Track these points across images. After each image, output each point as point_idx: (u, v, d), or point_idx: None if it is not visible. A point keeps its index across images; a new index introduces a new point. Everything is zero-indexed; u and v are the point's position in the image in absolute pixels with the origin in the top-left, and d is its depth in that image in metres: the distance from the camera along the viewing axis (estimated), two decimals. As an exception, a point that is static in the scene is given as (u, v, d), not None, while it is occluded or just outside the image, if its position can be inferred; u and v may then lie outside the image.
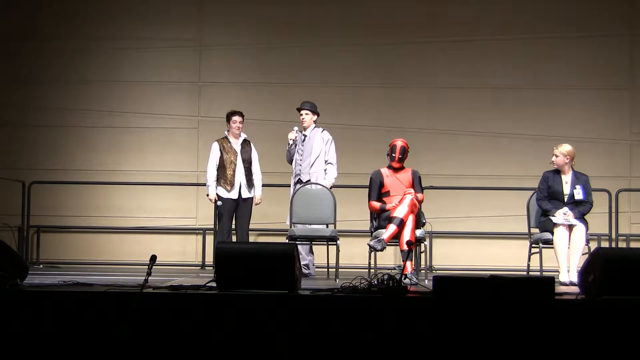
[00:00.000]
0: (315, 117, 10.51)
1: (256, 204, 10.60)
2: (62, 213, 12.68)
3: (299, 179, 10.34)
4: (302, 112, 10.50)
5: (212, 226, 11.95)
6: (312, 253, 10.47)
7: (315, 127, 10.50)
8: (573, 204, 9.30)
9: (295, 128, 10.51)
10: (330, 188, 10.19)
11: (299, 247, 10.34)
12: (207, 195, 10.54)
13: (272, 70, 13.01)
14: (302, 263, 10.34)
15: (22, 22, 13.12)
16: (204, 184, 12.24)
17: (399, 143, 9.54)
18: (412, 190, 9.30)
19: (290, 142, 10.47)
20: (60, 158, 12.87)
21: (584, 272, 7.01)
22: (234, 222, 10.50)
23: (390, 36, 12.93)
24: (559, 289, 7.82)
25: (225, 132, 10.56)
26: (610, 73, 12.85)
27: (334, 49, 12.97)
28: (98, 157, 12.93)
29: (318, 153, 10.38)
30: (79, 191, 12.85)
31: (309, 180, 10.27)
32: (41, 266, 11.90)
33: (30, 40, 13.03)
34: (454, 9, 12.92)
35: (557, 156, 9.44)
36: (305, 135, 10.46)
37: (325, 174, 10.41)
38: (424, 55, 12.94)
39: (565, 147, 9.45)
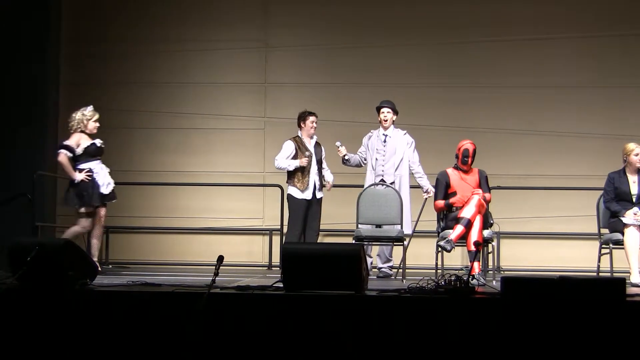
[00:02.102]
0: (395, 116, 10.44)
1: (328, 189, 10.57)
2: (130, 214, 12.80)
3: (382, 179, 10.28)
4: (384, 110, 10.41)
5: (279, 227, 11.99)
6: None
7: (395, 127, 10.45)
8: (642, 203, 9.20)
9: (338, 143, 10.45)
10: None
11: (384, 248, 10.33)
12: (300, 163, 10.34)
13: (337, 71, 13.02)
14: (387, 265, 10.34)
15: (90, 26, 13.28)
16: (271, 185, 12.32)
17: (470, 147, 9.45)
18: (479, 191, 9.24)
19: (347, 157, 10.45)
20: (128, 159, 12.99)
21: (655, 273, 6.92)
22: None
23: (455, 36, 12.86)
24: (630, 290, 7.71)
25: (299, 133, 10.56)
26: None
27: (399, 49, 12.94)
28: (165, 158, 13.05)
29: (402, 155, 10.31)
30: (147, 192, 12.97)
31: (393, 182, 10.23)
32: (110, 266, 12.01)
33: (98, 43, 13.18)
34: (519, 7, 12.83)
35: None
36: (385, 135, 10.40)
37: (419, 177, 10.35)
38: (489, 55, 12.86)
39: (641, 145, 9.38)
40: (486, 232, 9.12)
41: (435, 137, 12.22)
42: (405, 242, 9.67)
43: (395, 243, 9.88)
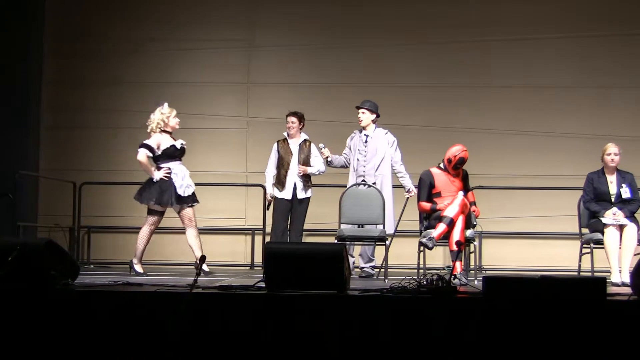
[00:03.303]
0: (374, 116, 10.40)
1: (300, 170, 10.52)
2: (112, 213, 12.78)
3: (363, 180, 10.28)
4: (359, 110, 10.43)
5: (262, 226, 11.98)
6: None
7: (376, 127, 10.44)
8: (621, 203, 9.23)
9: (321, 145, 10.48)
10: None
11: (366, 248, 10.33)
12: (268, 201, 10.64)
13: (321, 71, 13.02)
14: (369, 265, 10.34)
15: (74, 24, 13.25)
16: (253, 185, 12.34)
17: (466, 155, 9.43)
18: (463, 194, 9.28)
19: (330, 158, 10.50)
20: (111, 159, 12.97)
21: (636, 273, 6.93)
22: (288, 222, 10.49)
23: (441, 36, 12.89)
24: (611, 289, 7.73)
25: (284, 133, 10.57)
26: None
27: (384, 49, 12.96)
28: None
29: (383, 155, 10.30)
30: (129, 192, 12.83)
31: (375, 182, 10.22)
32: (92, 266, 12.00)
33: (81, 41, 13.16)
34: (504, 8, 12.87)
35: (616, 155, 9.38)
36: (367, 136, 10.40)
37: (401, 176, 10.38)
38: (475, 55, 12.88)
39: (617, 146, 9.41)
40: (468, 232, 9.15)
41: (420, 137, 12.24)
42: (387, 242, 9.68)
43: (377, 243, 9.90)
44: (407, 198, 10.31)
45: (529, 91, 12.78)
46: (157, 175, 9.70)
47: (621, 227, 9.01)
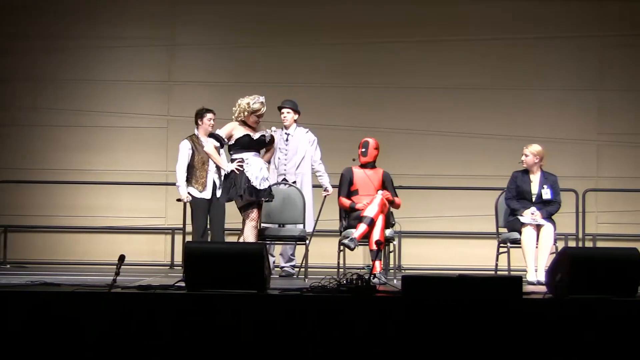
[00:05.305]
0: (297, 115, 10.43)
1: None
2: (29, 212, 12.60)
3: (284, 179, 10.27)
4: (283, 110, 10.42)
5: (181, 226, 11.91)
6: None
7: (297, 126, 10.46)
8: (541, 203, 9.36)
9: (273, 128, 10.40)
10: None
11: (286, 247, 10.33)
12: (180, 196, 10.28)
13: (243, 70, 12.98)
14: (289, 264, 10.34)
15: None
16: (173, 184, 12.22)
17: (370, 140, 9.58)
18: (381, 192, 9.31)
19: None
20: (28, 157, 12.79)
21: (551, 272, 7.06)
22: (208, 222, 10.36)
23: (363, 36, 12.94)
24: (527, 288, 7.86)
25: (195, 131, 10.43)
26: (579, 74, 12.96)
27: (306, 49, 12.97)
28: (67, 156, 12.86)
29: (304, 154, 10.32)
30: (47, 190, 12.77)
31: (295, 181, 10.23)
32: (8, 266, 11.83)
33: (-3, 38, 12.97)
34: (427, 9, 12.96)
35: (526, 156, 9.51)
36: (287, 134, 10.41)
37: (319, 175, 10.44)
38: (396, 56, 12.96)
39: (535, 147, 9.52)
40: (388, 232, 9.21)
41: (340, 137, 12.25)
42: (307, 241, 9.70)
43: (297, 242, 9.92)
44: (325, 197, 10.37)
45: (448, 92, 12.90)
46: (228, 167, 9.24)
47: (538, 227, 9.15)
